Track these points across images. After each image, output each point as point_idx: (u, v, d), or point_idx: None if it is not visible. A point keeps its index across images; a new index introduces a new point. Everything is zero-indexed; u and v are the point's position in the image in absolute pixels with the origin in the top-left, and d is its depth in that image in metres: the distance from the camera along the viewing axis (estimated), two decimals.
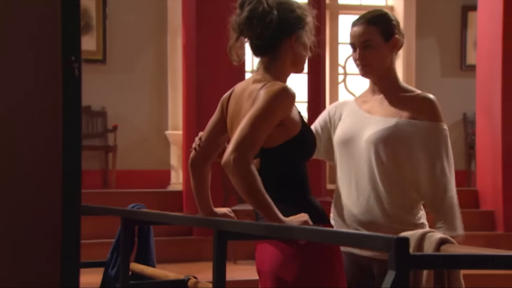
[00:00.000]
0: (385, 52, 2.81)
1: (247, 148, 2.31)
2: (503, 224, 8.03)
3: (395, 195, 2.72)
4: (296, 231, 1.70)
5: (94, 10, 8.90)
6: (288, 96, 2.44)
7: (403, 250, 1.28)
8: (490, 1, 8.24)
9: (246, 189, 2.29)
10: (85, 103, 8.80)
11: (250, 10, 2.51)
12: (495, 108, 8.10)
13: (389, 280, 1.29)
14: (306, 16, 2.57)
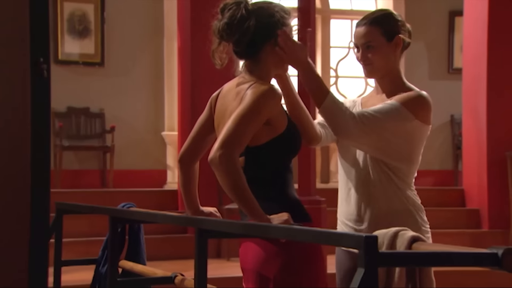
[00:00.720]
0: (388, 52, 2.77)
1: (233, 145, 2.31)
2: (488, 222, 8.05)
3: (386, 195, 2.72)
4: (272, 230, 1.70)
5: (93, 15, 8.88)
6: (274, 96, 2.44)
7: (372, 249, 1.29)
8: (475, 7, 8.26)
9: (231, 186, 2.29)
10: (84, 104, 8.82)
11: (229, 17, 2.51)
12: (481, 110, 8.12)
13: (358, 277, 1.29)
14: (286, 19, 2.56)
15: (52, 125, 8.59)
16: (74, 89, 8.77)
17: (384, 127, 2.63)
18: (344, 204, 2.83)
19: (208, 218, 1.87)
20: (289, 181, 2.54)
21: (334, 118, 2.59)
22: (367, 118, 2.61)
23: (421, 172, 9.58)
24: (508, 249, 1.35)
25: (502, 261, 1.34)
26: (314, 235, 1.46)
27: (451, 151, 10.10)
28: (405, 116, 2.65)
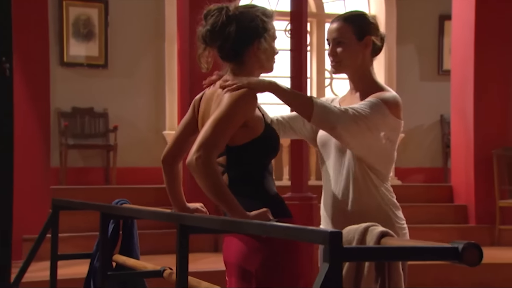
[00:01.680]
0: (357, 51, 2.74)
1: (209, 148, 2.28)
2: (474, 217, 8.04)
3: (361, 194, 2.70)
4: (245, 225, 1.69)
5: (97, 19, 8.87)
6: (250, 100, 2.41)
7: (336, 244, 1.27)
8: (463, 12, 8.25)
9: (209, 187, 2.26)
10: (88, 105, 8.81)
11: (211, 23, 2.49)
12: (468, 110, 8.12)
13: (323, 272, 1.28)
14: (267, 23, 2.53)
15: (58, 124, 8.59)
16: (79, 90, 8.77)
17: (371, 119, 2.59)
18: (324, 198, 2.81)
19: (189, 215, 1.86)
20: (269, 179, 2.51)
21: (328, 120, 2.54)
22: (355, 110, 2.58)
23: (412, 169, 9.66)
24: (468, 244, 1.34)
25: (462, 256, 1.33)
26: (281, 230, 1.45)
27: (441, 149, 10.08)
28: (384, 111, 2.62)
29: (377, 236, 1.58)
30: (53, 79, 8.47)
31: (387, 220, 2.68)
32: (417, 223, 7.95)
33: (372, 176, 2.69)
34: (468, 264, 1.33)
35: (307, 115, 2.55)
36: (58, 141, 8.54)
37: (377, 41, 2.80)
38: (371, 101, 2.64)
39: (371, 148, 2.66)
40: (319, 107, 2.54)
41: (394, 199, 2.78)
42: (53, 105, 8.55)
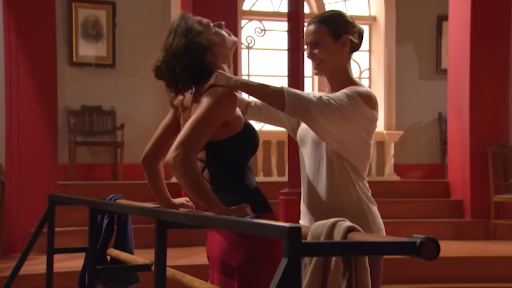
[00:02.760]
0: (335, 51, 2.68)
1: (188, 147, 2.24)
2: (470, 212, 8.00)
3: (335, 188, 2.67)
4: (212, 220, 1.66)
5: (105, 20, 8.87)
6: (229, 99, 2.37)
7: (295, 239, 1.25)
8: (459, 12, 8.21)
9: (187, 184, 2.22)
10: (97, 103, 8.80)
11: (165, 72, 2.48)
12: (464, 108, 8.09)
13: (281, 267, 1.26)
14: (205, 33, 2.46)
15: (67, 122, 8.59)
16: (88, 89, 8.77)
17: (346, 109, 2.54)
18: (302, 193, 2.78)
19: (164, 210, 1.83)
20: (248, 175, 2.48)
21: (301, 106, 2.48)
22: (330, 98, 2.53)
23: (411, 165, 9.60)
24: (426, 238, 1.31)
25: (420, 250, 1.31)
26: (242, 225, 1.43)
27: (439, 146, 10.03)
28: (360, 103, 2.58)
29: (344, 231, 1.55)
30: (63, 79, 8.50)
31: (362, 216, 2.65)
32: (414, 218, 7.93)
33: (349, 171, 2.63)
34: (426, 258, 1.30)
35: (280, 105, 2.50)
36: (67, 138, 8.54)
37: (354, 38, 2.74)
38: (346, 92, 2.59)
39: (347, 139, 2.60)
40: (291, 95, 2.49)
41: (370, 194, 2.73)
42: (62, 104, 8.57)
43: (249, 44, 9.65)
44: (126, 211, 2.27)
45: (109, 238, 3.24)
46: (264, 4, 9.82)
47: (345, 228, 1.56)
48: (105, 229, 3.21)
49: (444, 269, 6.35)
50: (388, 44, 10.03)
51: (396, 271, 6.21)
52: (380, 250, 1.32)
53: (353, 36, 2.73)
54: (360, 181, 2.68)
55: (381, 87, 10.06)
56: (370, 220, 2.67)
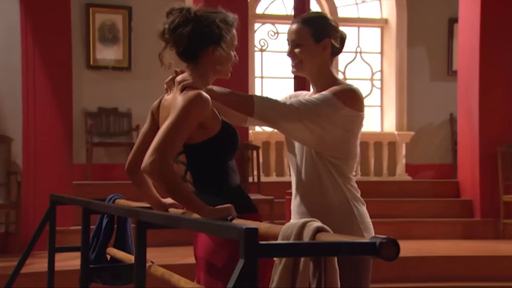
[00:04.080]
0: (315, 52, 2.62)
1: (163, 151, 2.19)
2: (480, 212, 7.92)
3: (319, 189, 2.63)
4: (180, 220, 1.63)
5: (121, 24, 8.89)
6: (201, 102, 2.29)
7: (251, 240, 1.22)
8: (469, 15, 8.14)
9: (166, 189, 2.17)
10: (113, 105, 8.82)
11: (169, 22, 2.42)
12: (474, 110, 8.02)
13: (238, 268, 1.23)
14: (225, 30, 2.42)
15: (85, 123, 8.62)
16: (104, 91, 8.79)
17: (318, 113, 2.48)
18: (292, 195, 2.75)
19: (143, 211, 1.80)
20: (231, 175, 2.42)
21: (269, 115, 2.46)
22: (300, 104, 2.48)
23: (422, 166, 9.54)
24: (385, 239, 1.27)
25: (380, 250, 1.27)
26: (199, 225, 1.40)
27: (450, 146, 9.92)
28: (336, 104, 2.51)
29: (313, 231, 1.51)
30: (80, 81, 8.53)
31: (350, 215, 2.60)
32: (425, 217, 7.86)
33: (333, 172, 2.58)
34: (385, 259, 1.26)
35: (248, 112, 2.47)
36: (84, 139, 8.57)
37: (336, 43, 2.68)
38: (323, 94, 2.54)
39: (324, 141, 2.55)
40: (260, 104, 2.46)
41: (359, 194, 2.68)
42: (80, 106, 8.60)
43: (262, 47, 9.63)
44: (109, 211, 2.26)
45: (109, 237, 3.22)
46: (277, 7, 9.79)
47: (314, 228, 1.53)
48: (104, 228, 3.20)
49: (453, 268, 6.28)
50: (399, 46, 9.95)
51: (404, 269, 6.16)
52: (339, 251, 1.28)
53: (335, 41, 2.67)
54: (346, 181, 2.62)
55: (392, 88, 9.99)
56: (359, 219, 2.62)
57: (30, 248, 3.28)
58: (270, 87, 9.72)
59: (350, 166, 2.63)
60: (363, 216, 2.65)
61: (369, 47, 10.15)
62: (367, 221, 2.66)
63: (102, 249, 3.17)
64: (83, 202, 2.53)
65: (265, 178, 8.60)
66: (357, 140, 2.63)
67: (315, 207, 2.62)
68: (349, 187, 2.62)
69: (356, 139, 2.63)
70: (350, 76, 10.10)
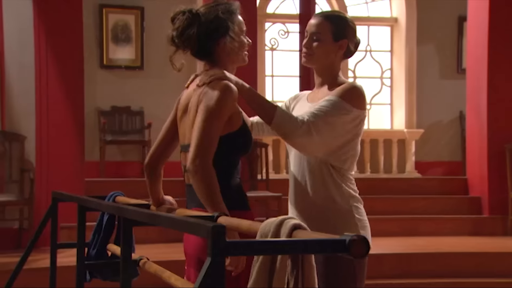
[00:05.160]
0: (330, 50, 2.63)
1: (204, 155, 2.20)
2: (488, 209, 7.84)
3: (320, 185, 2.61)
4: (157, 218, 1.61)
5: (134, 25, 8.89)
6: (231, 92, 2.30)
7: (218, 238, 1.19)
8: (478, 13, 8.05)
9: (206, 196, 2.19)
10: (126, 103, 8.84)
11: (176, 28, 2.43)
12: (482, 107, 7.94)
13: (205, 266, 1.20)
14: (230, 19, 2.43)
15: (98, 122, 8.65)
16: (117, 90, 8.81)
17: (332, 123, 2.49)
18: (289, 191, 2.73)
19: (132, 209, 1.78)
20: (234, 175, 2.40)
21: (286, 129, 2.47)
22: (315, 117, 2.48)
23: (432, 163, 9.47)
24: (355, 236, 1.25)
25: (349, 248, 1.24)
26: (169, 222, 1.38)
27: (460, 144, 9.84)
28: (345, 107, 2.51)
29: (290, 228, 1.49)
30: (94, 81, 8.56)
31: (348, 213, 2.59)
32: (433, 214, 7.79)
33: (334, 170, 2.58)
34: (355, 256, 1.23)
35: (268, 119, 2.49)
36: (98, 137, 8.60)
37: (352, 46, 2.69)
38: (331, 100, 2.52)
39: (332, 149, 2.56)
40: (281, 115, 2.48)
41: (357, 193, 2.66)
42: (94, 104, 8.63)
43: (272, 46, 9.60)
44: (97, 207, 2.25)
45: (109, 233, 3.20)
46: (288, 7, 9.75)
47: (291, 226, 1.50)
48: (105, 225, 3.18)
49: (461, 264, 6.22)
50: (409, 44, 9.87)
51: (411, 266, 6.12)
52: (310, 249, 1.25)
53: (351, 44, 2.68)
54: (345, 180, 2.62)
55: (402, 86, 9.92)
56: (356, 217, 2.62)
57: (32, 244, 3.28)
58: (280, 86, 9.68)
59: (350, 164, 2.63)
60: (361, 214, 2.65)
61: (379, 46, 10.09)
62: (364, 220, 2.66)
63: (103, 245, 3.16)
64: (78, 199, 2.53)
65: (275, 175, 8.57)
66: (359, 138, 2.64)
67: (313, 205, 2.61)
68: (348, 186, 2.62)
69: (359, 140, 2.64)
70: (360, 74, 10.04)
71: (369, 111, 10.10)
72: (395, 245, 6.75)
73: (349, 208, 2.59)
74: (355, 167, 2.70)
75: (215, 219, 1.86)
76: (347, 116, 2.51)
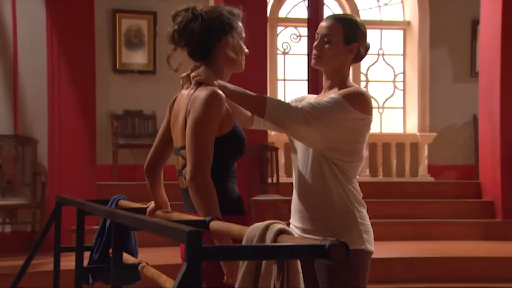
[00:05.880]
0: (341, 53, 2.60)
1: (202, 169, 2.20)
2: (501, 213, 7.75)
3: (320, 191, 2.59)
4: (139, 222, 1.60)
5: (146, 29, 8.91)
6: (218, 100, 2.27)
7: (194, 243, 1.18)
8: (491, 16, 7.98)
9: (205, 209, 2.17)
10: (138, 107, 8.85)
11: (178, 23, 2.40)
12: (495, 111, 7.86)
13: (181, 272, 1.19)
14: (233, 20, 2.42)
15: (111, 126, 8.67)
16: (130, 94, 8.83)
17: (328, 116, 2.46)
18: (294, 195, 2.71)
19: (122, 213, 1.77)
20: (229, 178, 2.38)
21: (280, 117, 2.43)
22: (311, 107, 2.45)
23: (445, 167, 9.39)
24: (335, 241, 1.23)
25: (328, 253, 1.22)
26: (150, 226, 1.36)
27: (474, 147, 9.74)
28: (345, 106, 2.48)
29: (275, 233, 1.47)
30: (107, 85, 8.58)
31: (351, 217, 2.57)
32: (446, 218, 7.72)
33: (338, 173, 2.55)
34: (335, 262, 1.21)
35: (260, 112, 2.44)
36: (111, 141, 8.62)
37: (362, 50, 2.67)
38: (334, 97, 2.51)
39: (332, 143, 2.52)
40: (272, 105, 2.43)
41: (361, 196, 2.64)
42: (107, 108, 8.65)
43: (285, 50, 9.58)
44: (91, 211, 2.24)
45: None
46: (300, 11, 9.73)
47: (276, 230, 1.48)
48: (108, 229, 3.18)
49: (472, 269, 6.16)
50: (422, 48, 9.81)
51: (422, 270, 6.07)
52: (290, 254, 1.23)
53: (362, 47, 2.66)
54: (350, 183, 2.59)
55: (415, 90, 9.86)
56: (359, 221, 2.59)
57: (36, 248, 3.28)
58: (292, 90, 9.66)
59: (354, 169, 2.60)
60: (364, 218, 2.62)
61: (392, 49, 10.03)
62: (367, 224, 2.63)
63: (105, 249, 3.16)
64: (77, 203, 2.53)
65: (286, 179, 8.54)
66: (364, 143, 2.61)
67: (316, 208, 2.59)
68: (352, 189, 2.59)
69: (363, 142, 2.60)
70: (372, 78, 10.00)
71: (382, 115, 10.05)
72: (407, 249, 6.70)
73: (352, 213, 2.57)
74: (359, 171, 2.67)
75: (207, 224, 1.85)
76: (346, 115, 2.49)
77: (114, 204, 3.14)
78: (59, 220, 3.18)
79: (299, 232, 2.65)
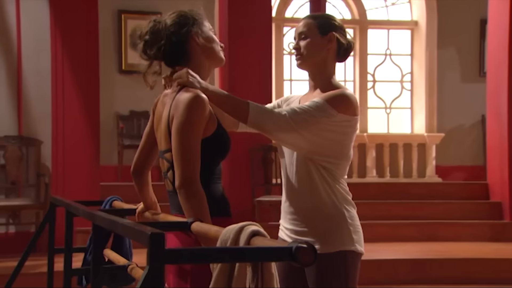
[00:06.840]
0: (320, 44, 2.58)
1: (190, 178, 2.18)
2: (509, 214, 7.68)
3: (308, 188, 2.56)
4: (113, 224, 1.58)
5: None
6: (201, 104, 2.24)
7: (156, 246, 1.15)
8: (499, 16, 7.91)
9: (195, 216, 2.13)
10: (144, 108, 8.84)
11: (145, 33, 2.41)
12: (503, 111, 7.79)
13: (143, 275, 1.17)
14: (195, 14, 2.42)
15: (117, 126, 8.67)
16: (136, 95, 8.81)
17: (312, 122, 2.43)
18: (283, 196, 2.69)
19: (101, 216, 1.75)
20: (214, 180, 2.35)
21: (263, 124, 2.41)
22: (294, 113, 2.43)
23: (453, 167, 9.33)
24: (302, 243, 1.20)
25: (295, 255, 1.20)
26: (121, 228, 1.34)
27: (482, 148, 9.67)
28: (329, 111, 2.45)
29: (248, 235, 1.44)
30: (113, 85, 8.59)
31: (340, 218, 2.54)
32: (453, 219, 7.66)
33: (326, 174, 2.52)
34: (302, 264, 1.19)
35: (242, 118, 2.42)
36: (116, 141, 8.62)
37: (342, 39, 2.63)
38: (317, 101, 2.48)
39: (317, 146, 2.49)
40: (255, 112, 2.41)
41: (350, 197, 2.61)
42: (113, 109, 8.66)
43: (291, 50, 9.55)
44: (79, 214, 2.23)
45: (106, 239, 3.19)
46: (306, 11, 9.70)
47: (249, 232, 1.46)
48: None
49: (479, 270, 6.10)
50: (429, 48, 9.75)
51: (427, 271, 6.02)
52: (258, 257, 1.21)
53: (341, 36, 2.63)
54: (338, 184, 2.57)
55: (422, 90, 9.81)
56: (349, 221, 2.57)
57: (30, 249, 3.28)
58: (298, 90, 9.64)
59: (342, 169, 2.57)
60: (353, 219, 2.59)
61: (399, 49, 9.98)
62: (356, 224, 2.60)
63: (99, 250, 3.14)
64: (66, 204, 2.51)
65: None
66: (350, 143, 2.57)
67: (305, 209, 2.57)
68: (340, 189, 2.56)
69: (349, 142, 2.56)
70: (380, 78, 9.95)
71: (389, 115, 10.00)
72: (413, 250, 6.65)
73: (341, 213, 2.54)
74: (347, 170, 2.64)
75: (189, 225, 1.83)
76: (329, 120, 2.46)
77: (108, 205, 3.13)
78: (53, 222, 3.17)
79: (289, 234, 2.62)
